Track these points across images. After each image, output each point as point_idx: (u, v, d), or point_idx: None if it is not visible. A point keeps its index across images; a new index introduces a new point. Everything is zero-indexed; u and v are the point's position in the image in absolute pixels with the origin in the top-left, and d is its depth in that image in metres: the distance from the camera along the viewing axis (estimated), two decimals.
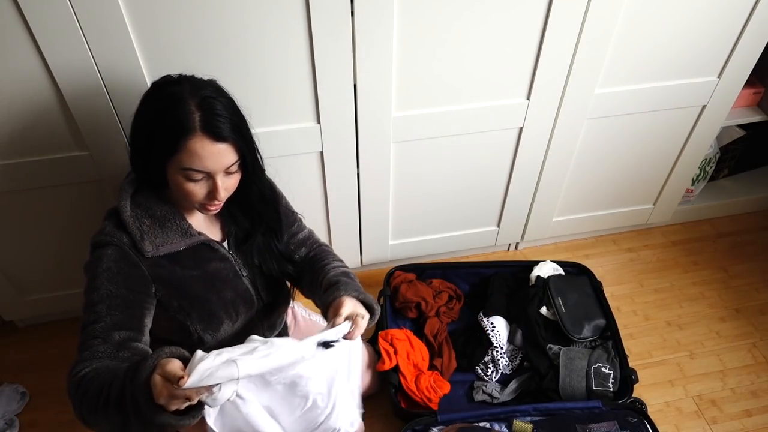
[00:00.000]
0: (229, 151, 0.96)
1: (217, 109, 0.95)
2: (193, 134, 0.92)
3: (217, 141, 0.94)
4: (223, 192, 0.99)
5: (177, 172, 0.95)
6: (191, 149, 0.92)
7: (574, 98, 1.48)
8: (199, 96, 0.94)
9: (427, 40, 1.28)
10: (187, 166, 0.94)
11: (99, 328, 0.93)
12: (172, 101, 0.94)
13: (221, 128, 0.94)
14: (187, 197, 0.98)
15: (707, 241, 1.99)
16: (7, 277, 1.52)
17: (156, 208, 1.03)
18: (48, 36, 1.08)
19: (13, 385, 1.54)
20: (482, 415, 1.35)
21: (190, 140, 0.92)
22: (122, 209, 1.00)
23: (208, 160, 0.94)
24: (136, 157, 1.01)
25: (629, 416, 1.34)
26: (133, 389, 0.80)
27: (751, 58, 1.52)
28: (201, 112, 0.93)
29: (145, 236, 1.00)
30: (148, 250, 1.00)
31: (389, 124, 1.41)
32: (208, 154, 0.93)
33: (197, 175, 0.95)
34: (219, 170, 0.96)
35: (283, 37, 1.20)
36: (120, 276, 0.97)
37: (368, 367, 1.44)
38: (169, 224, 1.03)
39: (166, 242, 1.02)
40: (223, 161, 0.96)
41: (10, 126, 1.20)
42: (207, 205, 1.01)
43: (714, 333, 1.71)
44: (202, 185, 0.97)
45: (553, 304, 1.58)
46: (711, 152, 1.89)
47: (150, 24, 1.12)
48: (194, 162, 0.93)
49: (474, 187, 1.67)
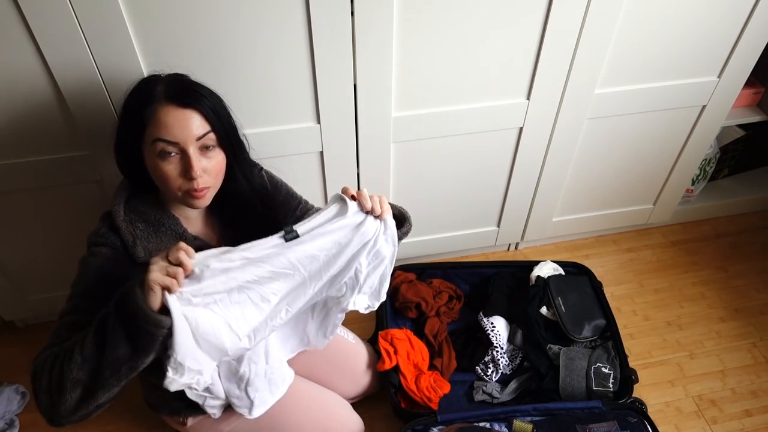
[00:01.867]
0: (196, 118, 0.95)
1: (184, 81, 0.97)
2: (158, 103, 0.93)
3: (182, 107, 0.94)
4: (200, 171, 0.96)
5: (151, 153, 0.95)
6: (157, 118, 0.93)
7: (574, 98, 1.48)
8: (168, 79, 0.97)
9: (427, 40, 1.28)
10: (155, 137, 0.93)
11: (74, 320, 0.92)
12: (140, 86, 0.97)
13: (187, 96, 0.95)
14: (166, 182, 0.96)
15: (707, 241, 1.99)
16: (7, 277, 1.52)
17: (150, 213, 1.02)
18: (48, 36, 1.08)
19: (13, 385, 1.54)
20: (482, 415, 1.35)
21: (154, 109, 0.93)
22: (116, 214, 0.99)
23: (175, 127, 0.93)
24: (119, 155, 1.01)
25: (629, 416, 1.34)
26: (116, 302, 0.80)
27: (751, 58, 1.52)
28: (165, 85, 0.95)
29: (137, 241, 0.99)
30: (140, 255, 0.99)
31: (389, 124, 1.41)
32: (174, 120, 0.93)
33: (168, 147, 0.93)
34: (189, 140, 0.94)
35: (283, 37, 1.20)
36: (109, 277, 0.96)
37: (368, 367, 1.44)
38: (164, 228, 1.02)
39: (159, 247, 1.01)
40: (191, 128, 0.94)
41: (10, 126, 1.20)
42: (189, 191, 0.97)
43: (714, 333, 1.71)
44: (176, 164, 0.95)
45: (553, 304, 1.58)
46: (711, 152, 1.89)
47: (150, 24, 1.12)
48: (161, 131, 0.93)
49: (474, 187, 1.67)
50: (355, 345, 1.46)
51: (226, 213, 1.12)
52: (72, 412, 0.84)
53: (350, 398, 1.42)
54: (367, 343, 1.52)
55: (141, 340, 0.80)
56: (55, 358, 0.84)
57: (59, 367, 0.83)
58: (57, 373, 0.83)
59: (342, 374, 1.39)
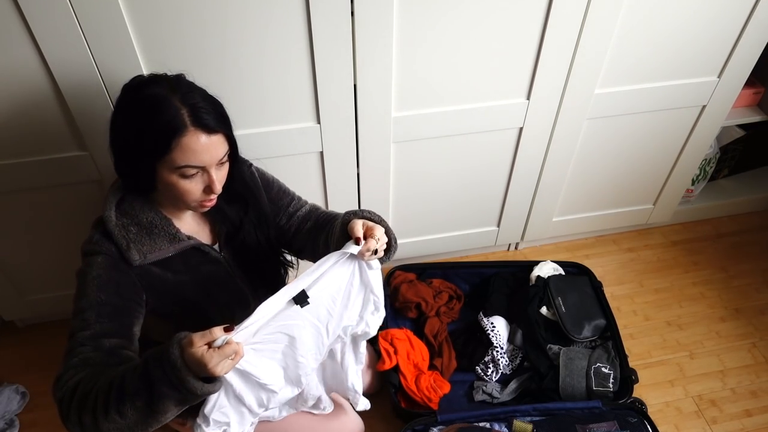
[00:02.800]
0: (221, 141, 0.96)
1: (201, 103, 0.95)
2: (185, 131, 0.91)
3: (210, 134, 0.94)
4: (218, 185, 0.98)
5: (171, 172, 0.94)
6: (185, 146, 0.92)
7: (574, 98, 1.48)
8: (180, 92, 0.94)
9: (427, 40, 1.28)
10: (183, 164, 0.93)
11: (88, 335, 0.92)
12: (156, 101, 0.92)
13: (210, 120, 0.94)
14: (183, 197, 0.97)
15: (707, 241, 1.99)
16: (7, 277, 1.52)
17: (142, 216, 1.01)
18: (48, 36, 1.08)
19: (13, 385, 1.54)
20: (482, 415, 1.35)
21: (183, 137, 0.91)
22: (107, 219, 0.99)
23: (204, 154, 0.94)
24: (121, 163, 0.99)
25: (629, 416, 1.34)
26: (164, 370, 0.80)
27: (751, 58, 1.52)
28: (188, 108, 0.92)
29: (131, 245, 0.99)
30: (135, 259, 0.98)
31: (389, 124, 1.41)
32: (203, 148, 0.93)
33: (192, 171, 0.95)
34: (213, 163, 0.96)
35: (283, 37, 1.20)
36: (110, 284, 0.96)
37: (368, 367, 1.44)
38: (157, 231, 1.02)
39: (154, 249, 1.01)
40: (218, 153, 0.96)
41: (10, 126, 1.20)
42: (203, 201, 1.00)
43: (714, 333, 1.71)
44: (198, 182, 0.97)
45: (553, 304, 1.58)
46: (711, 152, 1.89)
47: (150, 24, 1.12)
48: (189, 158, 0.93)
49: (474, 187, 1.67)
50: None
51: (217, 210, 1.11)
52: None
53: None
54: (367, 343, 1.52)
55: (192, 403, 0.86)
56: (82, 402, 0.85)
57: (92, 416, 0.84)
58: (89, 420, 0.85)
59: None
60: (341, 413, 1.32)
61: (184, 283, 1.06)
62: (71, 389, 0.87)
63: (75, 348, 0.92)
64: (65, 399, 0.87)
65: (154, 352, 0.83)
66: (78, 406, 0.86)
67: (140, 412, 0.84)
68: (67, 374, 0.89)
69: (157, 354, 0.83)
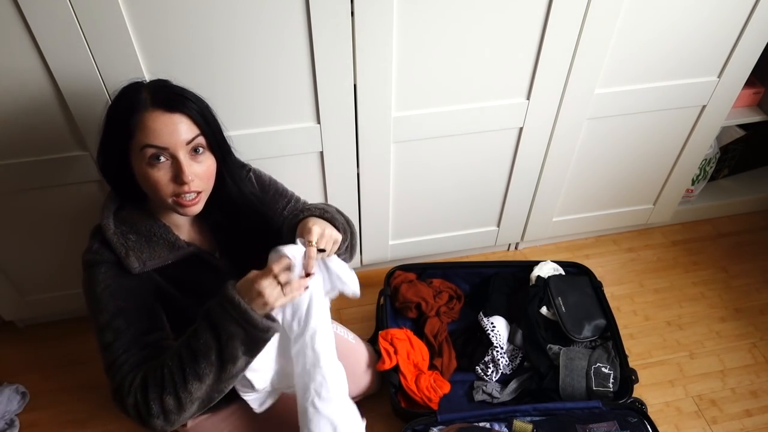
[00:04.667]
0: (184, 122, 0.94)
1: (168, 86, 0.96)
2: (144, 109, 0.92)
3: (170, 111, 0.93)
4: (191, 176, 0.94)
5: (139, 160, 0.93)
6: (144, 124, 0.92)
7: (574, 98, 1.48)
8: (155, 83, 0.96)
9: (427, 40, 1.28)
10: (144, 143, 0.92)
11: (127, 341, 0.95)
12: (123, 92, 0.95)
13: (174, 100, 0.94)
14: (156, 190, 0.95)
15: (707, 241, 1.99)
16: (7, 277, 1.52)
17: (141, 223, 1.01)
18: (48, 36, 1.08)
19: (13, 385, 1.54)
20: (482, 415, 1.35)
21: (142, 115, 0.92)
22: (105, 228, 0.98)
23: (164, 132, 0.92)
24: (105, 166, 1.00)
25: (629, 416, 1.34)
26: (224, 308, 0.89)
27: (751, 58, 1.52)
28: (149, 91, 0.94)
29: (130, 252, 0.98)
30: (135, 266, 0.98)
31: (389, 124, 1.41)
32: (162, 125, 0.92)
33: (158, 153, 0.92)
34: (178, 144, 0.93)
35: (283, 37, 1.20)
36: (121, 290, 0.97)
37: (368, 367, 1.44)
38: (156, 238, 1.01)
39: (153, 256, 1.00)
40: (180, 132, 0.93)
41: (11, 126, 1.21)
42: (180, 197, 0.96)
43: (714, 333, 1.71)
44: (167, 170, 0.94)
45: (553, 304, 1.58)
46: (711, 152, 1.89)
47: (150, 24, 1.12)
48: (149, 137, 0.92)
49: (474, 187, 1.67)
50: (355, 345, 1.46)
51: (216, 218, 1.10)
52: (187, 419, 0.96)
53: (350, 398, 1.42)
54: (367, 342, 1.52)
55: (258, 348, 0.93)
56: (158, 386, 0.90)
57: (173, 394, 0.90)
58: (171, 400, 0.90)
59: None
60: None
61: (182, 291, 1.06)
62: (140, 387, 0.91)
63: (119, 357, 0.94)
64: (139, 399, 0.91)
65: (213, 300, 0.91)
66: (156, 394, 0.90)
67: (214, 367, 0.90)
68: (126, 381, 0.92)
69: (215, 300, 0.90)
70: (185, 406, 0.91)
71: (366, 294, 1.80)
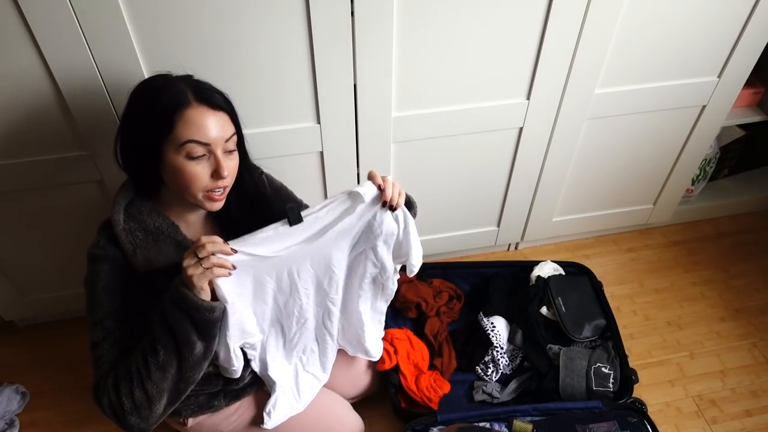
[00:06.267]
0: (226, 120, 0.97)
1: (207, 84, 0.98)
2: (189, 105, 0.93)
3: (214, 109, 0.95)
4: (226, 171, 0.97)
5: (176, 153, 0.93)
6: (189, 119, 0.92)
7: (574, 98, 1.48)
8: (188, 79, 0.98)
9: (427, 40, 1.28)
10: (187, 138, 0.92)
11: (111, 342, 0.97)
12: (161, 84, 0.96)
13: (215, 98, 0.96)
14: (191, 184, 0.95)
15: (707, 241, 1.99)
16: (7, 277, 1.52)
17: (150, 221, 1.01)
18: (48, 36, 1.08)
19: (13, 385, 1.54)
20: (482, 415, 1.35)
21: (186, 110, 0.92)
22: (115, 222, 0.98)
23: (208, 128, 0.93)
24: (128, 154, 0.99)
25: (629, 416, 1.33)
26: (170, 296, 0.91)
27: (751, 58, 1.52)
28: (191, 87, 0.95)
29: (137, 250, 0.99)
30: (141, 264, 0.98)
31: (389, 124, 1.41)
32: (208, 122, 0.93)
33: (198, 148, 0.93)
34: (219, 141, 0.95)
35: (283, 37, 1.20)
36: (120, 291, 0.98)
37: (368, 367, 1.44)
38: (163, 237, 1.01)
39: (159, 256, 1.00)
40: (224, 131, 0.96)
41: (11, 126, 1.21)
42: (212, 191, 0.98)
43: (714, 333, 1.71)
44: (205, 165, 0.96)
45: (553, 304, 1.58)
46: (711, 152, 1.89)
47: (150, 24, 1.12)
48: (194, 132, 0.92)
49: (474, 187, 1.67)
50: None
51: (227, 215, 1.11)
52: (161, 416, 0.97)
53: (350, 398, 1.42)
54: None
55: (210, 330, 0.94)
56: (127, 381, 0.93)
57: (140, 387, 0.93)
58: (140, 393, 0.93)
59: (342, 374, 1.39)
60: (341, 413, 1.32)
61: None
62: (113, 385, 0.94)
63: (102, 356, 0.96)
64: (113, 398, 0.93)
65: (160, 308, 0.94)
66: (127, 389, 0.92)
67: (174, 354, 0.92)
68: (102, 380, 0.95)
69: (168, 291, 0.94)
70: (153, 398, 0.93)
71: None
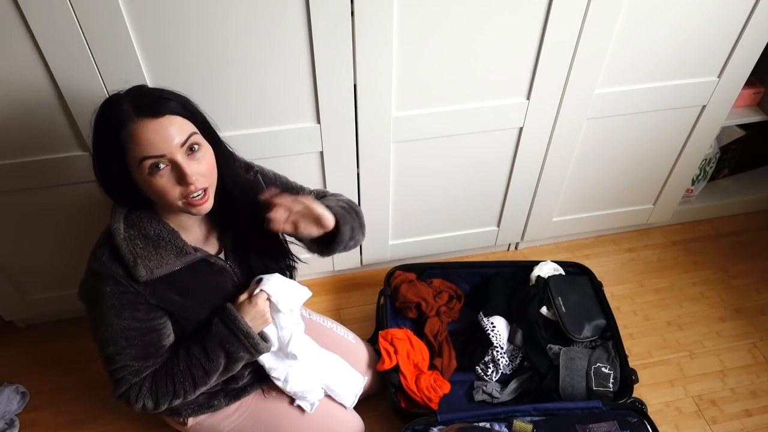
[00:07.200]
0: (177, 123, 0.91)
1: (146, 91, 0.93)
2: (131, 122, 0.89)
3: (156, 117, 0.90)
4: (195, 175, 0.92)
5: (139, 173, 0.91)
6: (135, 137, 0.89)
7: (574, 98, 1.48)
8: (134, 92, 0.93)
9: (427, 40, 1.28)
10: (141, 156, 0.89)
11: (127, 357, 1.02)
12: (103, 110, 0.93)
13: (156, 105, 0.91)
14: (163, 198, 0.93)
15: (707, 241, 1.99)
16: (7, 277, 1.52)
17: (149, 228, 0.99)
18: (48, 36, 1.08)
19: (13, 385, 1.54)
20: (482, 415, 1.35)
21: (130, 129, 0.89)
22: (115, 232, 0.97)
23: (156, 140, 0.89)
24: (105, 184, 0.98)
25: (629, 416, 1.33)
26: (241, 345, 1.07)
27: (751, 58, 1.52)
28: (129, 102, 0.91)
29: (138, 260, 0.97)
30: (142, 275, 0.97)
31: (389, 124, 1.41)
32: (153, 133, 0.89)
33: (157, 162, 0.90)
34: (175, 148, 0.90)
35: (283, 37, 1.20)
36: (126, 310, 0.98)
37: (368, 367, 1.44)
38: (164, 244, 1.00)
39: (160, 264, 0.99)
40: (173, 136, 0.90)
41: (11, 126, 1.21)
42: (188, 199, 0.94)
43: (714, 333, 1.71)
44: (169, 176, 0.92)
45: (553, 304, 1.58)
46: (711, 152, 1.89)
47: (150, 25, 1.12)
48: (143, 149, 0.89)
49: (474, 187, 1.67)
50: (355, 345, 1.46)
51: (220, 215, 1.08)
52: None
53: None
54: (367, 343, 1.52)
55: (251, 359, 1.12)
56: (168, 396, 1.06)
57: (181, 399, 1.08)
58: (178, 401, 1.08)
59: None
60: (341, 413, 1.32)
61: (190, 297, 1.05)
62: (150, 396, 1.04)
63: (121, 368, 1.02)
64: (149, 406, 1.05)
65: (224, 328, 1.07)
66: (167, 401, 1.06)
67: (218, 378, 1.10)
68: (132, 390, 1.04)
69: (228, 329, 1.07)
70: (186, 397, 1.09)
71: (366, 294, 1.81)
